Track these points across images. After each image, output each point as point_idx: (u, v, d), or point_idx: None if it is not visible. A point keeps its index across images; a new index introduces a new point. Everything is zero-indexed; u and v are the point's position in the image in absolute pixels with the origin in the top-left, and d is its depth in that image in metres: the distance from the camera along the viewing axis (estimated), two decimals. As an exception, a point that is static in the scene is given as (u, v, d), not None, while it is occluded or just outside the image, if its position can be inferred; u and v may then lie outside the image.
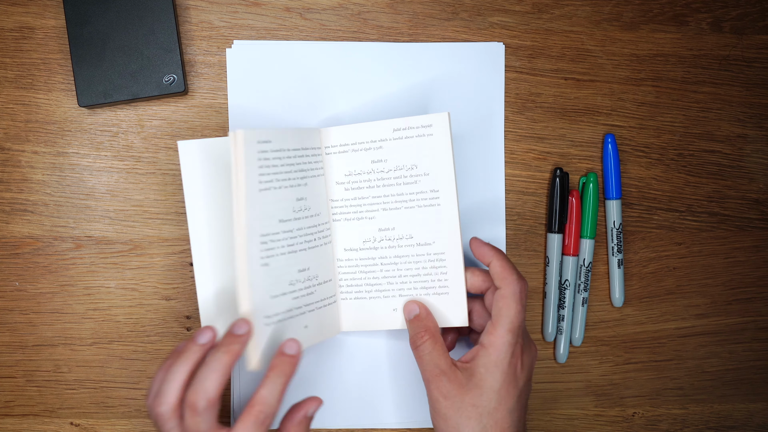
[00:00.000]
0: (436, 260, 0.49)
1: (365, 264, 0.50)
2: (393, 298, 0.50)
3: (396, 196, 0.49)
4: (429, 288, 0.49)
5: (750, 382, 0.59)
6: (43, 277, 0.54)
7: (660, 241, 0.58)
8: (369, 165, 0.50)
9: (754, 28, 0.58)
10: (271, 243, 0.45)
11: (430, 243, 0.49)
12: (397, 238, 0.49)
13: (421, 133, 0.48)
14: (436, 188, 0.48)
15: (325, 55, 0.55)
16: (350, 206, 0.50)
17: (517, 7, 0.56)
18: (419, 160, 0.48)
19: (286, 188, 0.47)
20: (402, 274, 0.49)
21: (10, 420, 0.54)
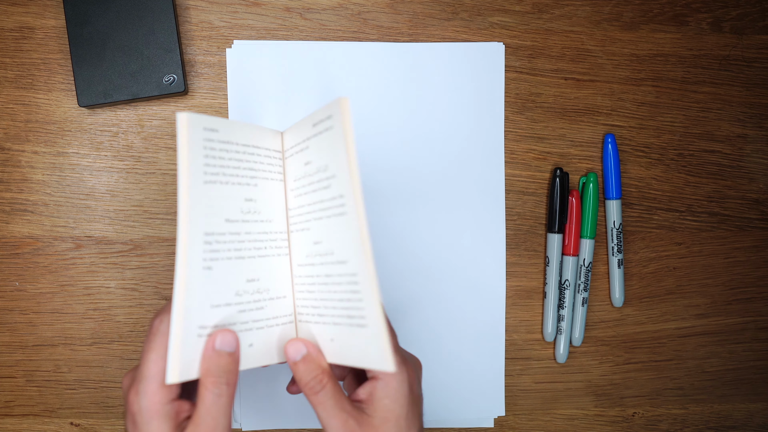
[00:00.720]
0: (352, 282, 0.39)
1: (308, 283, 0.43)
2: (328, 326, 0.42)
3: (318, 204, 0.42)
4: (351, 317, 0.39)
5: (750, 382, 0.59)
6: (43, 277, 0.54)
7: (660, 241, 0.58)
8: (302, 168, 0.43)
9: (754, 28, 0.58)
10: (216, 244, 0.40)
11: (345, 261, 0.40)
12: (324, 253, 0.42)
13: (327, 126, 0.40)
14: (342, 193, 0.39)
15: (325, 55, 0.55)
16: (298, 215, 0.44)
17: (517, 7, 0.56)
18: (329, 159, 0.41)
19: (234, 185, 0.41)
20: (332, 297, 0.41)
21: (10, 420, 0.54)
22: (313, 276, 0.43)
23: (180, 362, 0.37)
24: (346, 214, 0.39)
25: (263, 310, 0.42)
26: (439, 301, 0.56)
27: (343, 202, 0.39)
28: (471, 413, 0.57)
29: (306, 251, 0.43)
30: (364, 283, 0.38)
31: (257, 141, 0.43)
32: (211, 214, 0.39)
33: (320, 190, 0.41)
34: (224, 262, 0.40)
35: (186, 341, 0.37)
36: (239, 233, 0.41)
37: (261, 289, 0.42)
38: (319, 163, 0.41)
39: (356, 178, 0.38)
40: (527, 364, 0.57)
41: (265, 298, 0.43)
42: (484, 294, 0.57)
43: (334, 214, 0.40)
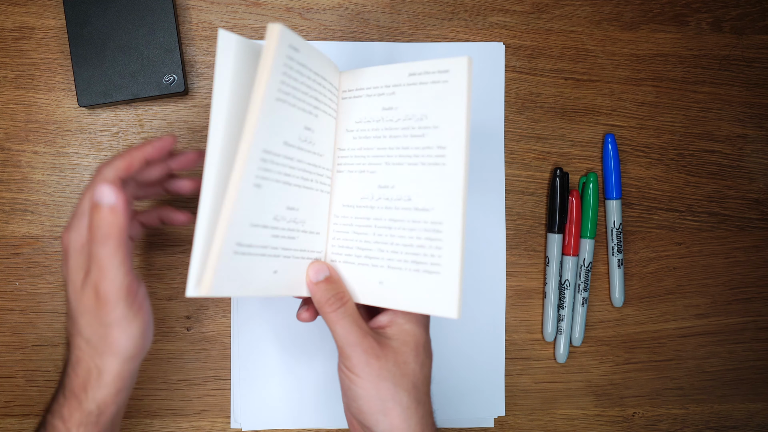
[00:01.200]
0: (432, 230, 0.40)
1: (359, 224, 0.44)
2: (380, 269, 0.42)
3: (401, 150, 0.42)
4: (419, 263, 0.41)
5: (750, 382, 0.59)
6: (43, 277, 0.54)
7: (660, 241, 0.58)
8: (379, 112, 0.43)
9: (754, 28, 0.58)
10: (270, 164, 0.40)
11: (428, 209, 0.41)
12: (395, 198, 0.42)
13: (436, 79, 0.41)
14: (444, 144, 0.41)
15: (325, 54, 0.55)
16: (355, 157, 0.44)
17: (517, 7, 0.56)
18: (430, 110, 0.41)
19: (299, 110, 0.41)
20: (394, 241, 0.42)
21: (10, 420, 0.54)
22: (369, 218, 0.43)
23: (215, 277, 0.37)
24: (444, 165, 0.40)
25: (295, 240, 0.43)
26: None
27: (443, 153, 0.40)
28: (471, 413, 0.57)
29: (363, 194, 0.44)
30: (450, 233, 0.39)
31: (326, 73, 0.44)
32: (273, 132, 0.39)
33: (407, 138, 0.42)
34: (272, 184, 0.40)
35: (223, 256, 0.37)
36: (292, 159, 0.41)
37: (298, 219, 0.43)
38: (410, 111, 0.42)
39: (468, 133, 0.40)
40: (527, 364, 0.57)
41: (300, 229, 0.43)
42: (484, 294, 0.57)
43: (426, 163, 0.41)
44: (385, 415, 0.41)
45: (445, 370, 0.56)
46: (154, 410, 0.55)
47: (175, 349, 0.55)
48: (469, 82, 0.40)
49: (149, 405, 0.54)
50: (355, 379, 0.41)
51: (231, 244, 0.38)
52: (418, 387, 0.42)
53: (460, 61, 0.40)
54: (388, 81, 0.43)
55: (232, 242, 0.38)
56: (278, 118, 0.40)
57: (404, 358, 0.42)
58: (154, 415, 0.54)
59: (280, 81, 0.39)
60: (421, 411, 0.42)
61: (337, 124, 0.45)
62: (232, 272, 0.39)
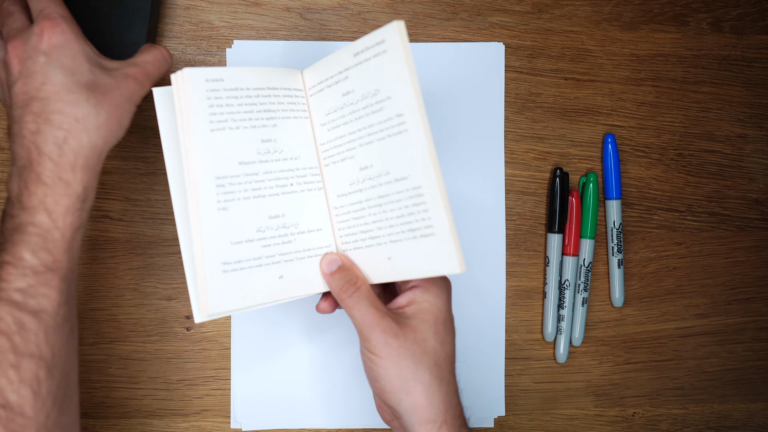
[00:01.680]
0: (415, 196, 0.41)
1: (355, 209, 0.45)
2: (385, 246, 0.43)
3: (367, 128, 0.43)
4: (415, 230, 0.42)
5: (750, 382, 0.59)
6: (43, 277, 0.54)
7: (660, 241, 0.58)
8: (341, 99, 0.45)
9: (754, 28, 0.58)
10: (229, 186, 0.42)
11: (406, 177, 0.42)
12: (377, 175, 0.43)
13: (376, 52, 0.42)
14: (401, 112, 0.41)
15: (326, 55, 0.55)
16: (334, 147, 0.46)
17: (517, 7, 0.56)
18: (380, 84, 0.42)
19: (247, 129, 0.43)
20: (389, 216, 0.43)
21: (10, 420, 0.54)
22: (361, 201, 0.44)
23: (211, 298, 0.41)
24: (406, 131, 0.41)
25: (293, 243, 0.45)
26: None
27: (402, 120, 0.41)
28: (471, 413, 0.57)
29: (350, 179, 0.45)
30: (430, 193, 0.40)
31: (273, 83, 0.45)
32: (220, 158, 0.42)
33: (369, 116, 0.43)
34: (240, 202, 0.42)
35: (212, 278, 0.41)
36: (257, 173, 0.43)
37: (288, 223, 0.44)
38: (365, 89, 0.43)
39: (419, 95, 0.40)
40: (527, 364, 0.57)
41: (294, 231, 0.45)
42: (484, 294, 0.57)
43: (390, 134, 0.42)
44: (408, 394, 0.42)
45: (445, 370, 0.56)
46: (154, 410, 0.55)
47: (175, 349, 0.55)
48: (405, 44, 0.40)
49: (149, 405, 0.54)
50: (375, 359, 0.42)
51: (216, 265, 0.41)
52: (440, 365, 0.43)
53: (391, 27, 0.40)
54: (339, 67, 0.44)
55: (217, 263, 0.41)
56: (220, 145, 0.42)
57: (423, 336, 0.42)
58: (154, 415, 0.54)
59: (208, 114, 0.42)
60: (444, 389, 0.43)
61: (312, 122, 0.47)
62: (229, 289, 0.41)
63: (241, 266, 0.42)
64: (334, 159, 0.46)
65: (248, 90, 0.44)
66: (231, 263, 0.42)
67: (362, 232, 0.45)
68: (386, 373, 0.42)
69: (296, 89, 0.46)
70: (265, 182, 0.44)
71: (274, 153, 0.45)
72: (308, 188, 0.46)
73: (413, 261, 0.42)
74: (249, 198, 0.43)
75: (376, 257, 0.44)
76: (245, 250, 0.42)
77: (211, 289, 0.41)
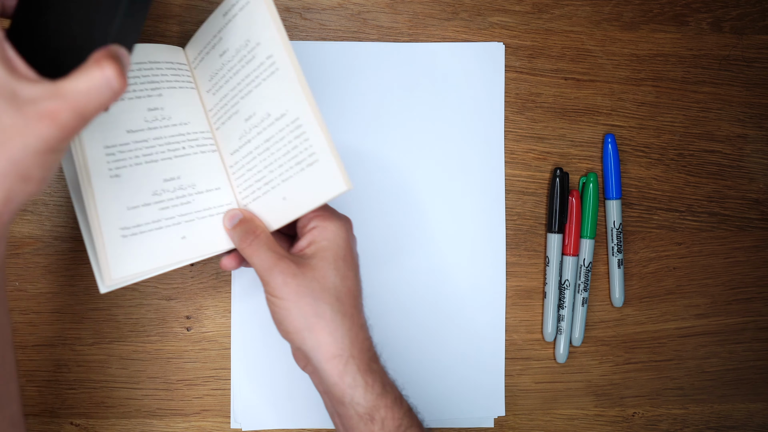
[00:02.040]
0: (294, 128, 0.44)
1: (247, 161, 0.47)
2: (279, 187, 0.45)
3: (245, 79, 0.46)
4: (301, 162, 0.44)
5: (750, 382, 0.59)
6: (43, 277, 0.54)
7: (660, 241, 0.58)
8: (219, 60, 0.47)
9: (754, 28, 0.58)
10: (119, 154, 0.44)
11: (284, 114, 0.44)
12: (260, 121, 0.46)
13: (241, 6, 0.45)
14: (270, 53, 0.44)
15: (326, 55, 0.55)
16: (220, 109, 0.48)
17: (517, 7, 0.56)
18: (249, 35, 0.45)
19: (132, 99, 0.45)
20: (277, 157, 0.45)
21: (10, 420, 0.54)
22: (251, 152, 0.46)
23: (111, 263, 0.42)
24: (278, 70, 0.44)
25: (192, 203, 0.46)
26: (439, 301, 0.56)
27: (272, 61, 0.44)
28: (471, 413, 0.57)
29: (239, 133, 0.47)
30: (308, 122, 0.43)
31: (153, 57, 0.47)
32: (108, 129, 0.43)
33: (244, 67, 0.46)
34: (132, 168, 0.44)
35: (112, 244, 0.42)
36: (146, 140, 0.45)
37: (184, 185, 0.46)
38: (237, 44, 0.45)
39: (284, 34, 0.43)
40: (527, 364, 0.57)
41: (192, 192, 0.46)
42: (484, 294, 0.57)
43: (265, 78, 0.45)
44: (310, 331, 0.42)
45: (445, 370, 0.56)
46: (154, 410, 0.55)
47: (175, 349, 0.55)
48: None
49: (149, 405, 0.55)
50: (276, 301, 0.42)
51: (114, 230, 0.43)
52: (341, 300, 0.43)
53: None
54: (213, 31, 0.47)
55: (115, 229, 0.43)
56: (108, 116, 0.44)
57: (323, 273, 0.43)
58: (154, 415, 0.54)
59: None
60: (348, 323, 0.42)
61: (199, 92, 0.49)
62: (131, 253, 0.43)
63: (140, 230, 0.44)
64: (222, 120, 0.48)
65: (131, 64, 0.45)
66: (129, 228, 0.43)
67: (257, 181, 0.47)
68: (287, 313, 0.42)
69: (179, 63, 0.48)
70: (155, 147, 0.45)
71: (162, 120, 0.46)
72: (201, 150, 0.48)
73: (305, 193, 0.44)
74: (141, 164, 0.44)
75: (273, 201, 0.46)
76: (143, 214, 0.44)
77: (111, 255, 0.42)
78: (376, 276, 0.56)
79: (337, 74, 0.55)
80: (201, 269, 0.55)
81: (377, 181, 0.56)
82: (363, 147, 0.56)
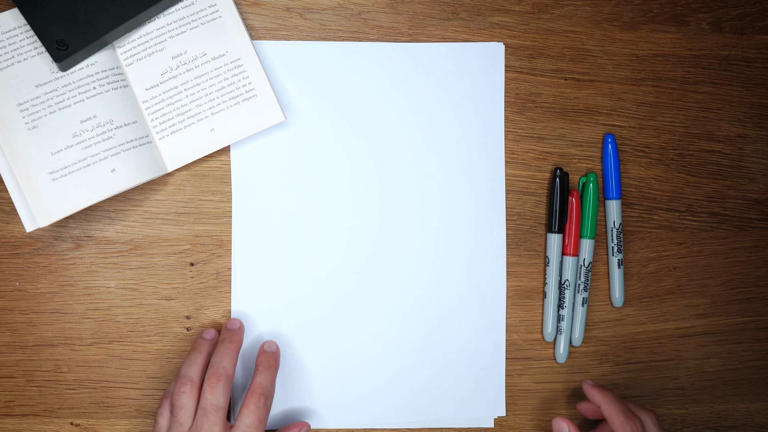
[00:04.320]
0: (234, 67, 0.51)
1: (170, 95, 0.51)
2: (207, 120, 0.51)
3: (179, 21, 0.51)
4: (237, 96, 0.51)
5: (750, 382, 0.59)
6: (43, 277, 0.54)
7: (660, 241, 0.58)
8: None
9: (754, 28, 0.58)
10: (32, 108, 0.49)
11: (223, 54, 0.51)
12: (192, 59, 0.51)
13: None
14: (213, 3, 0.51)
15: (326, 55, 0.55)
16: (139, 45, 0.51)
17: (517, 7, 0.56)
18: None
19: (34, 57, 0.49)
20: (208, 92, 0.51)
21: (10, 420, 0.54)
22: (177, 87, 0.51)
23: (43, 207, 0.48)
24: (221, 17, 0.51)
25: (113, 138, 0.50)
26: (440, 301, 0.56)
27: (215, 9, 0.51)
28: (471, 413, 0.57)
29: (161, 70, 0.51)
30: (249, 62, 0.51)
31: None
32: (17, 87, 0.49)
33: (179, 11, 0.51)
34: (48, 117, 0.49)
35: (43, 188, 0.48)
36: (56, 89, 0.49)
37: (102, 122, 0.50)
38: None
39: None
40: (527, 364, 0.57)
41: (111, 128, 0.50)
42: (484, 294, 0.57)
43: (204, 22, 0.51)
44: None
45: (445, 370, 0.56)
46: (154, 410, 0.55)
47: (175, 349, 0.55)
48: None
49: (149, 405, 0.55)
50: None
51: (43, 176, 0.48)
52: None
53: None
54: None
55: (44, 174, 0.48)
56: (12, 77, 0.49)
57: None
58: (154, 415, 0.54)
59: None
60: None
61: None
62: (64, 193, 0.48)
63: (68, 171, 0.49)
64: (139, 56, 0.51)
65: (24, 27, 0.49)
66: (57, 171, 0.48)
67: (179, 115, 0.51)
68: None
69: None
70: (66, 94, 0.49)
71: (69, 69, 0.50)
72: (113, 87, 0.50)
73: (237, 124, 0.51)
74: (55, 111, 0.49)
75: (198, 133, 0.51)
76: (67, 156, 0.49)
77: (44, 197, 0.48)
78: (376, 277, 0.56)
79: (337, 74, 0.55)
80: (201, 269, 0.55)
81: (377, 180, 0.56)
82: (363, 147, 0.56)
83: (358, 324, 0.56)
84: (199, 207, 0.55)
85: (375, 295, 0.56)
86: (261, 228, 0.55)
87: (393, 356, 0.56)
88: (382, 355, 0.56)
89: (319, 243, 0.55)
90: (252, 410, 0.48)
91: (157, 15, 0.51)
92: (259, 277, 0.55)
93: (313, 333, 0.55)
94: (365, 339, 0.56)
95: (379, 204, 0.56)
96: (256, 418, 0.48)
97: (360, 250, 0.56)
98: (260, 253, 0.55)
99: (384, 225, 0.56)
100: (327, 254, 0.55)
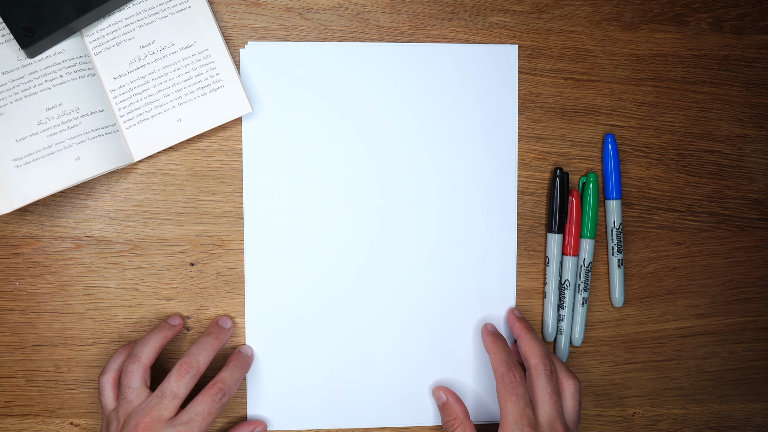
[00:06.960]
0: (202, 58, 0.51)
1: (137, 85, 0.51)
2: (174, 110, 0.51)
3: (148, 10, 0.51)
4: (204, 87, 0.51)
5: (750, 382, 0.59)
6: (43, 277, 0.54)
7: (660, 241, 0.58)
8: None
9: (754, 28, 0.58)
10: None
11: (191, 44, 0.51)
12: (160, 49, 0.51)
13: None
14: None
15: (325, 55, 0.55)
16: (108, 33, 0.51)
17: (517, 7, 0.56)
18: None
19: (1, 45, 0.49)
20: (175, 83, 0.51)
21: (10, 420, 0.54)
22: (145, 76, 0.51)
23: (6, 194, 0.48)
24: (190, 8, 0.51)
25: (78, 126, 0.50)
26: (447, 302, 0.56)
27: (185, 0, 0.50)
28: (471, 413, 0.57)
29: (129, 59, 0.51)
30: (218, 53, 0.51)
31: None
32: None
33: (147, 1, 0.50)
34: (14, 104, 0.48)
35: (8, 175, 0.48)
36: (22, 76, 0.49)
37: (67, 110, 0.49)
38: None
39: None
40: (527, 364, 0.57)
41: (77, 116, 0.50)
42: (493, 296, 0.56)
43: (173, 12, 0.51)
44: None
45: (447, 369, 0.56)
46: (154, 410, 0.55)
47: (175, 349, 0.55)
48: None
49: (149, 405, 0.55)
50: None
51: (7, 163, 0.48)
52: None
53: None
54: None
55: (8, 161, 0.48)
56: None
57: None
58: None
59: None
60: None
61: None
62: (28, 180, 0.48)
63: (33, 158, 0.48)
64: (108, 45, 0.51)
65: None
66: (21, 158, 0.48)
67: (146, 104, 0.51)
68: None
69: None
70: (32, 81, 0.49)
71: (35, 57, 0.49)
72: (80, 75, 0.50)
73: (204, 115, 0.51)
74: (21, 99, 0.49)
75: (165, 123, 0.51)
76: (32, 143, 0.48)
77: (8, 184, 0.48)
78: (384, 277, 0.56)
79: (337, 74, 0.55)
80: (201, 269, 0.55)
81: (384, 182, 0.56)
82: (363, 147, 0.55)
83: (363, 324, 0.56)
84: (199, 207, 0.55)
85: (383, 295, 0.56)
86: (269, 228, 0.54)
87: (399, 355, 0.56)
88: (386, 354, 0.56)
89: (327, 246, 0.55)
90: (207, 401, 0.48)
91: (125, 4, 0.50)
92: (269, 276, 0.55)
93: (312, 332, 0.55)
94: (364, 335, 0.56)
95: (384, 205, 0.56)
96: (207, 409, 0.48)
97: (369, 252, 0.56)
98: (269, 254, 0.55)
99: (392, 227, 0.56)
100: (333, 256, 0.55)
